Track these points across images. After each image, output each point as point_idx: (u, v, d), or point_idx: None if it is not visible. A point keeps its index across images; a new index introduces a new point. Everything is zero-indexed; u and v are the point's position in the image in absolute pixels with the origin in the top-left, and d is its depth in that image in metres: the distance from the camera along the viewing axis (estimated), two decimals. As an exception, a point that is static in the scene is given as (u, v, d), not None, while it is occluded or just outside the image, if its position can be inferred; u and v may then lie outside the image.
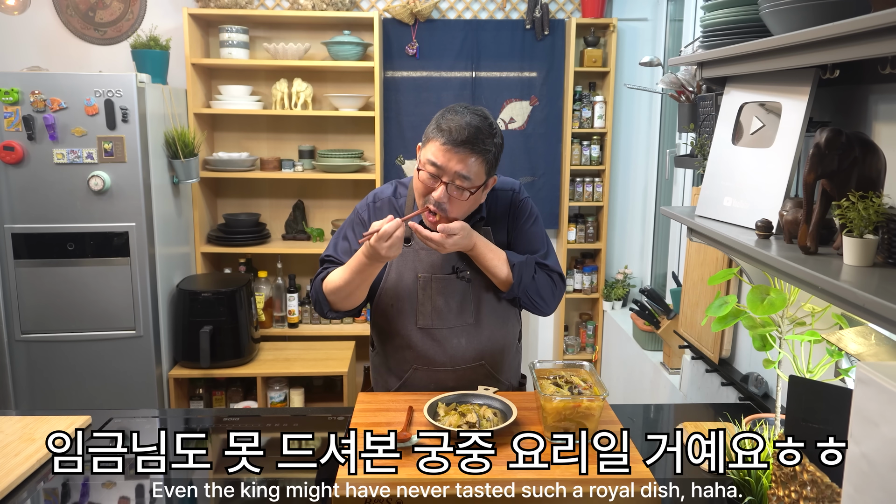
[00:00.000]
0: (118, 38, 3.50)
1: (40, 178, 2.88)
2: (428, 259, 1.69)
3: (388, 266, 1.70)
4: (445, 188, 1.54)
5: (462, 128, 1.52)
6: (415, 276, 1.70)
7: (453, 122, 1.53)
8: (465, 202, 1.57)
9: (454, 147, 1.51)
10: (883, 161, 1.16)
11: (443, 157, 1.52)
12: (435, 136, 1.54)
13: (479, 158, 1.53)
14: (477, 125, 1.53)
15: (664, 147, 3.39)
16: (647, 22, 3.53)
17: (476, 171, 1.54)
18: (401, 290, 1.71)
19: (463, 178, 1.53)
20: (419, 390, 1.75)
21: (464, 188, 1.54)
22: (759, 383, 1.87)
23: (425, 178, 1.56)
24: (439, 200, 1.54)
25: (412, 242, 1.70)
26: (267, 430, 1.70)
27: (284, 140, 3.66)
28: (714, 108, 1.69)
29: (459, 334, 1.72)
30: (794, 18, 1.19)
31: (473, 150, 1.52)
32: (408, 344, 1.73)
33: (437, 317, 1.71)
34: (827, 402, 1.05)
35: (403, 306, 1.71)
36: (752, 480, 1.25)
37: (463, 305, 1.71)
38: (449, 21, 3.54)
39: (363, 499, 1.26)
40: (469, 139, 1.51)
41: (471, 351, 1.74)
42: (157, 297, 3.07)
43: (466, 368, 1.74)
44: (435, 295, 1.70)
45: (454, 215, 1.58)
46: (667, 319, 2.58)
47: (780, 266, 1.17)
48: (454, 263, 1.70)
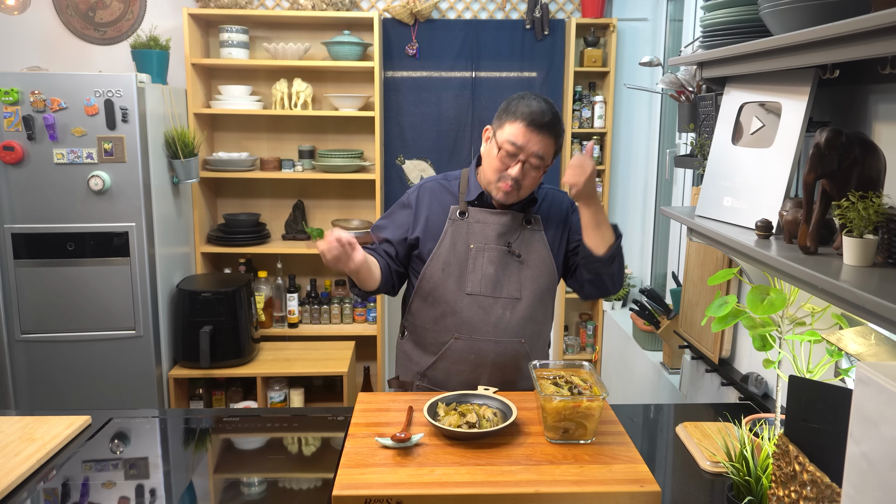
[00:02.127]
0: (118, 38, 3.50)
1: (40, 178, 2.88)
2: (482, 232, 1.79)
3: (443, 235, 1.80)
4: (522, 166, 1.70)
5: (542, 112, 1.69)
6: (467, 246, 1.79)
7: (531, 107, 1.69)
8: (537, 178, 1.75)
9: (535, 129, 1.68)
10: (883, 161, 1.16)
11: (523, 138, 1.68)
12: (514, 118, 1.70)
13: (553, 140, 1.71)
14: (552, 111, 1.71)
15: (664, 147, 3.39)
16: (647, 22, 3.53)
17: (549, 152, 1.72)
18: (452, 256, 1.79)
19: (538, 158, 1.70)
20: (457, 363, 1.79)
21: (538, 166, 1.72)
22: (759, 383, 1.87)
23: (504, 157, 1.71)
24: (516, 177, 1.70)
25: (467, 216, 1.80)
26: (267, 430, 1.70)
27: (284, 140, 3.66)
28: (714, 108, 1.69)
29: (505, 306, 1.78)
30: (793, 18, 1.19)
31: (550, 133, 1.70)
32: (453, 310, 1.78)
33: (486, 284, 1.77)
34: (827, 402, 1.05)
35: (453, 271, 1.79)
36: (752, 480, 1.25)
37: (512, 279, 1.79)
38: (449, 21, 3.54)
39: (363, 499, 1.26)
40: (548, 123, 1.69)
41: (513, 325, 1.78)
42: (157, 297, 3.07)
43: (507, 342, 1.78)
44: (486, 264, 1.78)
45: (525, 191, 1.76)
46: (667, 319, 2.58)
47: (780, 266, 1.17)
48: (508, 239, 1.80)
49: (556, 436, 1.47)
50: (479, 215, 1.80)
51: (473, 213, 1.80)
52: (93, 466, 1.48)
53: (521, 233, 1.81)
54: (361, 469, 1.35)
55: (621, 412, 1.73)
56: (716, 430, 1.62)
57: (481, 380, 1.78)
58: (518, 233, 1.80)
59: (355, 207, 3.76)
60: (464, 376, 1.79)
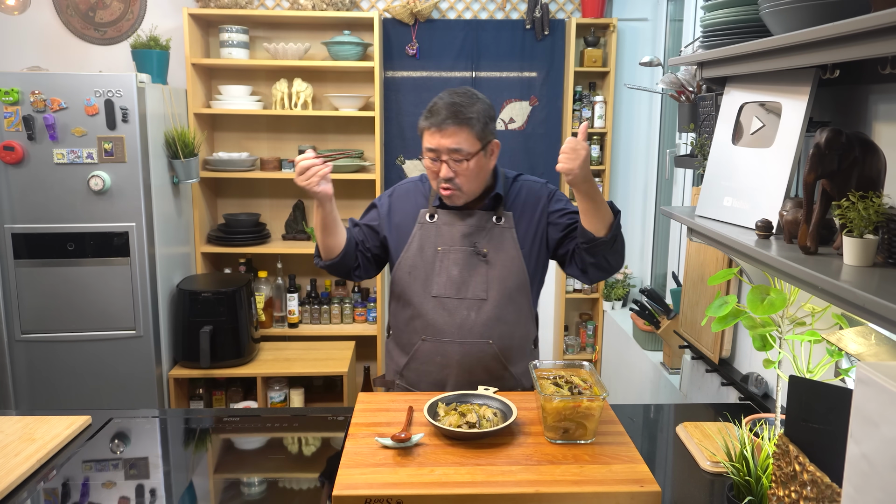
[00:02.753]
0: (118, 38, 3.50)
1: (40, 178, 2.88)
2: (449, 234, 1.80)
3: (411, 239, 1.81)
4: (446, 165, 1.70)
5: (441, 108, 1.69)
6: (434, 249, 1.80)
7: (431, 109, 1.71)
8: (469, 170, 1.72)
9: (438, 127, 1.68)
10: (883, 161, 1.16)
11: (432, 140, 1.70)
12: (422, 124, 1.73)
13: (463, 128, 1.68)
14: (455, 101, 1.70)
15: (664, 147, 3.39)
16: (647, 22, 3.53)
17: (465, 141, 1.69)
18: (419, 260, 1.81)
19: (455, 152, 1.69)
20: (426, 364, 1.80)
21: (460, 159, 1.70)
22: (759, 383, 1.87)
23: (429, 164, 1.74)
24: (445, 177, 1.71)
25: (436, 218, 1.81)
26: (267, 430, 1.70)
27: (284, 140, 3.66)
28: (714, 108, 1.69)
29: (470, 307, 1.78)
30: (794, 18, 1.19)
31: (455, 123, 1.68)
32: (419, 313, 1.79)
33: (450, 286, 1.78)
34: (827, 402, 1.05)
35: (419, 274, 1.80)
36: (753, 480, 1.25)
37: (477, 280, 1.79)
38: (449, 21, 3.54)
39: (363, 499, 1.26)
40: (448, 116, 1.67)
41: (479, 326, 1.77)
42: (157, 297, 3.07)
43: (472, 343, 1.77)
44: (451, 265, 1.79)
45: (466, 186, 1.74)
46: (667, 319, 2.58)
47: (780, 266, 1.17)
48: (475, 240, 1.80)
49: (556, 436, 1.47)
50: (447, 217, 1.81)
51: (442, 215, 1.81)
52: (93, 466, 1.48)
53: (491, 231, 1.80)
54: (361, 469, 1.35)
55: (621, 412, 1.73)
56: (716, 430, 1.62)
57: (448, 381, 1.79)
58: (486, 232, 1.80)
59: (355, 207, 3.75)
60: (432, 377, 1.81)
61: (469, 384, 1.76)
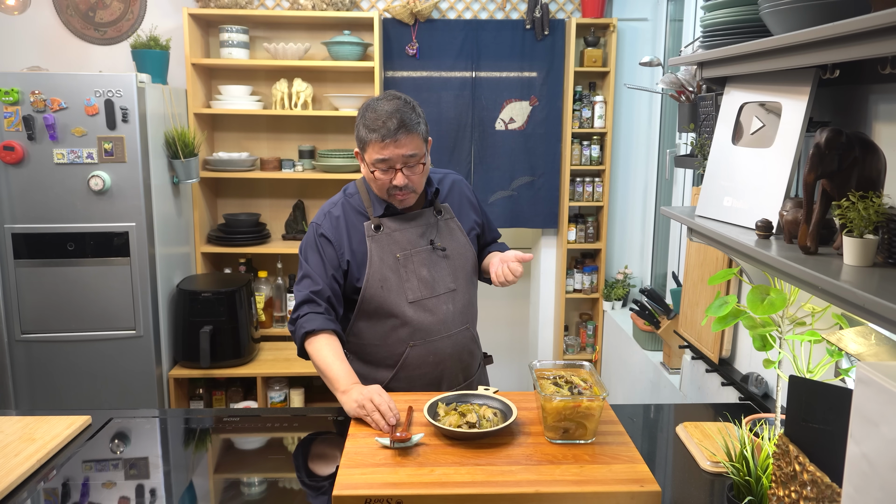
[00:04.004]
0: (118, 38, 3.50)
1: (40, 178, 2.88)
2: (403, 238, 1.81)
3: (370, 251, 1.78)
4: (401, 173, 1.71)
5: (388, 118, 1.67)
6: (394, 257, 1.80)
7: (378, 118, 1.67)
8: (423, 171, 1.76)
9: (391, 138, 1.67)
10: (883, 161, 1.16)
11: (385, 151, 1.68)
12: (369, 137, 1.69)
13: (412, 134, 1.69)
14: (398, 108, 1.69)
15: (664, 147, 3.39)
16: (647, 22, 3.53)
17: (417, 145, 1.71)
18: (385, 270, 1.79)
19: (411, 157, 1.70)
20: (418, 368, 1.79)
21: (414, 164, 1.72)
22: (759, 383, 1.87)
23: (381, 175, 1.72)
24: (401, 184, 1.72)
25: (383, 228, 1.80)
26: (267, 430, 1.70)
27: (284, 140, 3.66)
28: (714, 108, 1.69)
29: (446, 300, 1.83)
30: (794, 18, 1.19)
31: (405, 131, 1.68)
32: (403, 321, 1.78)
33: (423, 287, 1.80)
34: (827, 402, 1.05)
35: (391, 285, 1.78)
36: (753, 480, 1.25)
37: (444, 273, 1.84)
38: (449, 21, 3.54)
39: (363, 499, 1.26)
40: (399, 125, 1.67)
41: (457, 315, 1.84)
42: (157, 297, 3.07)
43: (456, 333, 1.83)
44: (418, 267, 1.80)
45: (419, 187, 1.78)
46: (667, 319, 2.58)
47: (780, 266, 1.17)
48: (430, 237, 1.83)
49: (556, 436, 1.47)
50: (394, 224, 1.81)
51: (387, 223, 1.81)
52: (93, 466, 1.48)
53: (438, 225, 1.86)
54: (361, 469, 1.35)
55: (621, 412, 1.73)
56: (716, 430, 1.62)
57: (443, 377, 1.83)
58: (435, 227, 1.85)
59: (355, 207, 3.76)
60: (426, 379, 1.81)
61: (461, 372, 1.84)
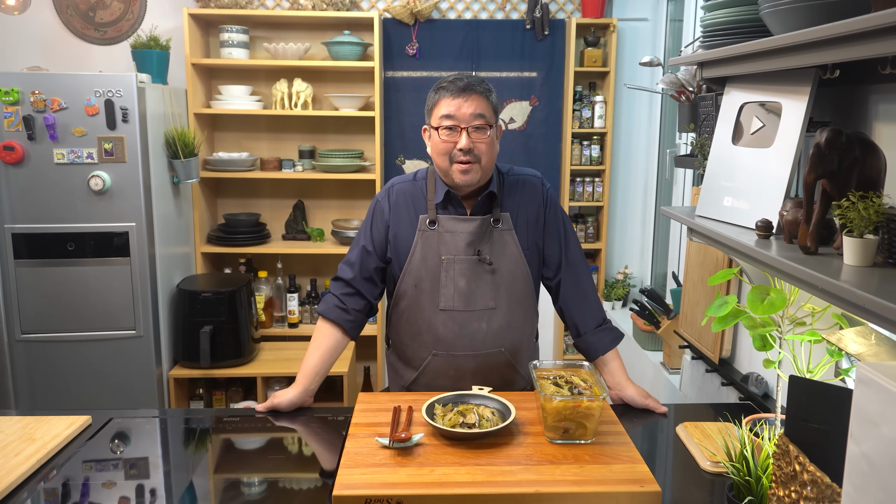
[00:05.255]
0: (118, 38, 3.50)
1: (40, 178, 2.88)
2: (452, 242, 1.74)
3: (413, 248, 1.75)
4: (467, 133, 1.66)
5: (459, 79, 1.69)
6: (438, 258, 1.74)
7: (445, 81, 1.70)
8: (488, 141, 1.69)
9: (461, 93, 1.66)
10: (883, 161, 1.16)
11: (454, 106, 1.66)
12: (438, 96, 1.69)
13: (483, 97, 1.68)
14: (471, 76, 1.71)
15: (664, 147, 3.39)
16: (647, 22, 3.53)
17: (486, 108, 1.68)
18: (424, 271, 1.74)
19: (478, 117, 1.66)
20: (437, 379, 1.77)
21: (483, 126, 1.67)
22: (759, 383, 1.87)
23: (445, 135, 1.67)
24: (466, 147, 1.66)
25: (437, 225, 1.74)
26: (267, 430, 1.70)
27: (284, 140, 3.66)
28: (714, 108, 1.69)
29: (480, 318, 1.74)
30: (794, 18, 1.19)
31: (476, 91, 1.67)
32: (428, 327, 1.75)
33: (459, 299, 1.73)
34: (827, 402, 1.05)
35: (426, 287, 1.74)
36: (753, 480, 1.25)
37: (484, 289, 1.75)
38: (449, 21, 3.54)
39: (363, 499, 1.26)
40: (469, 84, 1.67)
41: (490, 336, 1.76)
42: (157, 297, 3.07)
43: (486, 354, 1.76)
44: (458, 276, 1.73)
45: (485, 159, 1.69)
46: (667, 319, 2.58)
47: (780, 266, 1.17)
48: (478, 247, 1.74)
49: (556, 436, 1.47)
50: (449, 224, 1.74)
51: (443, 221, 1.74)
52: (93, 466, 1.48)
53: (491, 236, 1.75)
54: (361, 469, 1.35)
55: (621, 412, 1.73)
56: (716, 430, 1.62)
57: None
58: (487, 238, 1.75)
59: (355, 207, 3.76)
60: (445, 391, 1.78)
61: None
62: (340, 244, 3.54)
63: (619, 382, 1.78)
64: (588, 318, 1.84)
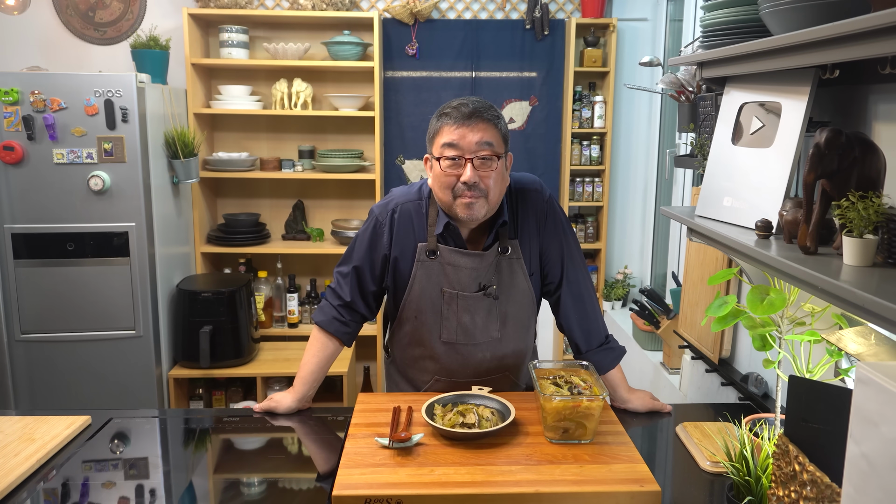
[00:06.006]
0: (118, 38, 3.50)
1: (40, 178, 2.88)
2: (455, 276, 1.63)
3: (413, 277, 1.65)
4: (472, 164, 1.50)
5: (464, 104, 1.53)
6: (439, 290, 1.65)
7: (450, 106, 1.54)
8: (496, 173, 1.53)
9: (465, 120, 1.50)
10: (883, 161, 1.16)
11: (457, 135, 1.50)
12: (440, 123, 1.54)
13: (491, 124, 1.53)
14: (477, 101, 1.55)
15: (664, 147, 3.39)
16: (647, 22, 3.53)
17: (494, 136, 1.52)
18: (424, 303, 1.66)
19: (485, 146, 1.50)
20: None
21: (489, 156, 1.51)
22: (759, 383, 1.87)
23: (448, 167, 1.52)
24: (470, 181, 1.50)
25: (438, 256, 1.63)
26: (267, 430, 1.70)
27: (284, 140, 3.66)
28: (714, 108, 1.69)
29: (484, 349, 1.71)
30: (793, 18, 1.19)
31: (483, 117, 1.52)
32: (430, 355, 1.72)
33: (462, 333, 1.68)
34: (827, 402, 1.05)
35: (427, 319, 1.67)
36: (752, 480, 1.25)
37: (488, 321, 1.68)
38: (449, 21, 3.54)
39: (363, 499, 1.26)
40: (475, 111, 1.51)
41: (494, 363, 1.73)
42: (156, 297, 3.07)
43: (490, 380, 1.73)
44: (461, 312, 1.65)
45: (492, 193, 1.54)
46: (667, 319, 2.58)
47: (779, 266, 1.17)
48: (481, 281, 1.64)
49: (556, 436, 1.47)
50: (451, 257, 1.61)
51: (444, 254, 1.61)
52: (93, 466, 1.48)
53: (499, 266, 1.64)
54: (361, 469, 1.35)
55: (621, 412, 1.73)
56: (716, 430, 1.62)
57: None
58: (495, 270, 1.64)
59: (355, 207, 3.76)
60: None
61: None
62: (340, 244, 3.54)
63: (621, 396, 1.75)
64: (590, 336, 1.75)
